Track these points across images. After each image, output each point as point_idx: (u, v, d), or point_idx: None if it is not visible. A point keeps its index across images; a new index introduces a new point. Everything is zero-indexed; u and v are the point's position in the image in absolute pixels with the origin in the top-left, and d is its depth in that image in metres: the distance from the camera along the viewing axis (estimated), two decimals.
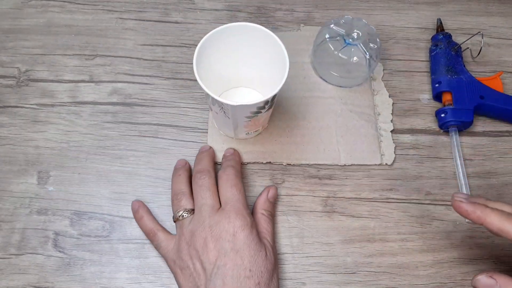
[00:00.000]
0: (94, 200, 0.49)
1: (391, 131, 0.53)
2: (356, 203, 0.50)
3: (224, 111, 0.43)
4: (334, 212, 0.50)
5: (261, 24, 0.59)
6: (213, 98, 0.41)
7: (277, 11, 0.61)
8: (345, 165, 0.52)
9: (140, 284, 0.46)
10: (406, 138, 0.54)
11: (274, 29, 0.59)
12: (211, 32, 0.43)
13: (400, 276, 0.47)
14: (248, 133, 0.50)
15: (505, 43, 0.60)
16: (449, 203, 0.50)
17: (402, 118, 0.55)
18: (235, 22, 0.59)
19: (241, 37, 0.45)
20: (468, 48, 0.58)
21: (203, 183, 0.45)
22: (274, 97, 0.42)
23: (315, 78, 0.56)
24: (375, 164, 0.52)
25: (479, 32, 0.53)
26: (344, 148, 0.52)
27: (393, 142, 0.53)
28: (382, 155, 0.52)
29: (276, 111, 0.53)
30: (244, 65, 0.48)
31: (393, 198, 0.51)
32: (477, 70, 0.58)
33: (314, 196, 0.50)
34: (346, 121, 0.54)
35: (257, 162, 0.51)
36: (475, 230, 0.49)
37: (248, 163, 0.51)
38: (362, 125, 0.53)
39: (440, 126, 0.53)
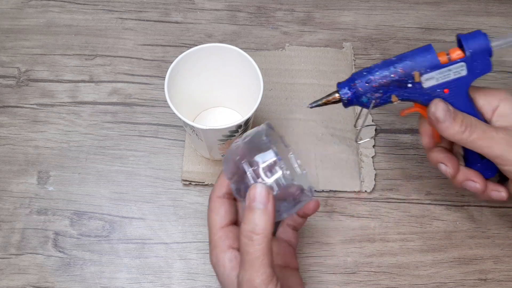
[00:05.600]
0: (94, 200, 0.49)
1: (372, 157, 0.51)
2: (356, 203, 0.50)
3: (196, 134, 0.42)
4: (334, 212, 0.50)
5: (261, 24, 0.60)
6: (184, 121, 0.40)
7: (277, 11, 0.61)
8: (323, 190, 0.50)
9: (140, 284, 0.46)
10: (406, 138, 0.54)
11: (257, 50, 0.57)
12: (183, 54, 0.42)
13: (400, 276, 0.47)
14: (224, 154, 0.48)
15: None
16: (449, 203, 0.50)
17: (402, 118, 0.55)
18: (235, 22, 0.60)
19: (216, 58, 0.44)
20: None
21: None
22: (247, 120, 0.41)
23: (297, 100, 0.54)
24: (354, 191, 0.50)
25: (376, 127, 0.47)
26: (323, 173, 0.51)
27: (374, 169, 0.51)
28: (362, 181, 0.50)
29: None
30: (221, 85, 0.48)
31: (393, 198, 0.51)
32: None
33: (314, 196, 0.50)
34: (326, 145, 0.52)
35: None
36: (475, 230, 0.49)
37: None
38: (342, 150, 0.52)
39: None
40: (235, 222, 0.39)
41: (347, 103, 0.39)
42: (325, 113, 0.53)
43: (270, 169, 0.34)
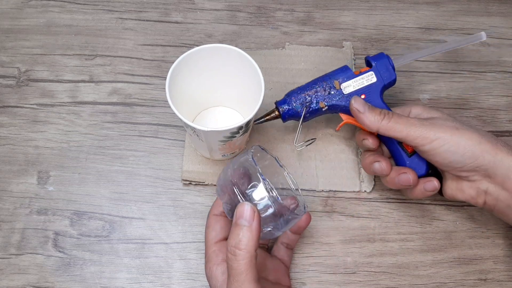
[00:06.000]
0: (94, 200, 0.49)
1: None
2: (356, 203, 0.50)
3: (197, 135, 0.42)
4: (334, 212, 0.50)
5: (261, 24, 0.60)
6: (185, 122, 0.40)
7: (277, 11, 0.61)
8: (322, 190, 0.50)
9: (140, 284, 0.46)
10: None
11: (257, 49, 0.57)
12: (184, 55, 0.42)
13: (400, 276, 0.47)
14: (224, 154, 0.49)
15: (505, 43, 0.60)
16: (449, 203, 0.50)
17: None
18: (235, 22, 0.60)
19: (217, 58, 0.44)
20: None
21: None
22: (248, 122, 0.41)
23: None
24: (353, 191, 0.50)
25: (314, 138, 0.49)
26: (322, 173, 0.51)
27: None
28: (361, 182, 0.50)
29: (254, 131, 0.52)
30: (221, 85, 0.48)
31: (393, 198, 0.51)
32: (477, 70, 0.58)
33: (314, 196, 0.50)
34: (326, 145, 0.52)
35: None
36: (475, 230, 0.49)
37: None
38: (342, 150, 0.52)
39: None
40: None
41: (285, 113, 0.46)
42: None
43: (258, 191, 0.37)
